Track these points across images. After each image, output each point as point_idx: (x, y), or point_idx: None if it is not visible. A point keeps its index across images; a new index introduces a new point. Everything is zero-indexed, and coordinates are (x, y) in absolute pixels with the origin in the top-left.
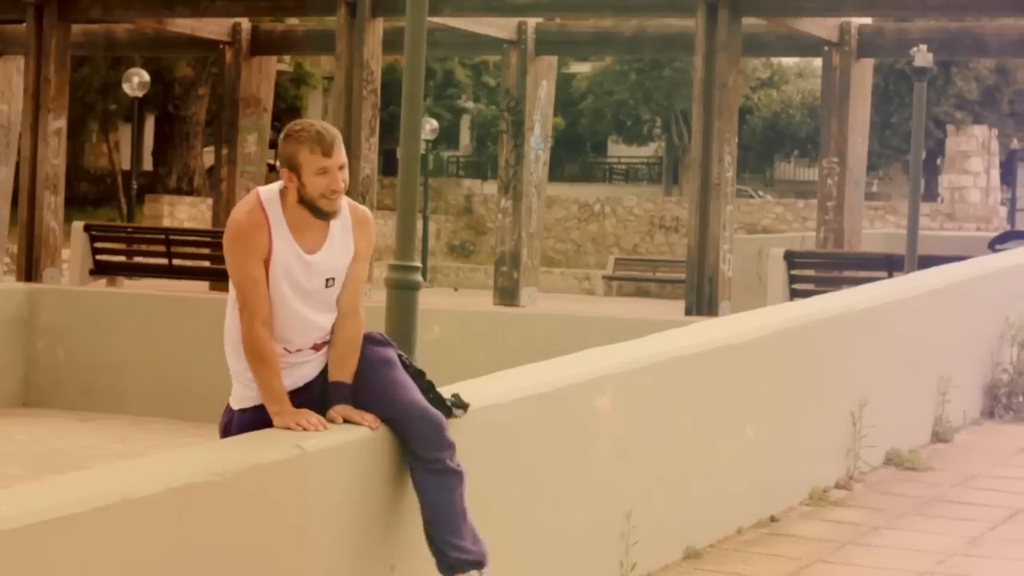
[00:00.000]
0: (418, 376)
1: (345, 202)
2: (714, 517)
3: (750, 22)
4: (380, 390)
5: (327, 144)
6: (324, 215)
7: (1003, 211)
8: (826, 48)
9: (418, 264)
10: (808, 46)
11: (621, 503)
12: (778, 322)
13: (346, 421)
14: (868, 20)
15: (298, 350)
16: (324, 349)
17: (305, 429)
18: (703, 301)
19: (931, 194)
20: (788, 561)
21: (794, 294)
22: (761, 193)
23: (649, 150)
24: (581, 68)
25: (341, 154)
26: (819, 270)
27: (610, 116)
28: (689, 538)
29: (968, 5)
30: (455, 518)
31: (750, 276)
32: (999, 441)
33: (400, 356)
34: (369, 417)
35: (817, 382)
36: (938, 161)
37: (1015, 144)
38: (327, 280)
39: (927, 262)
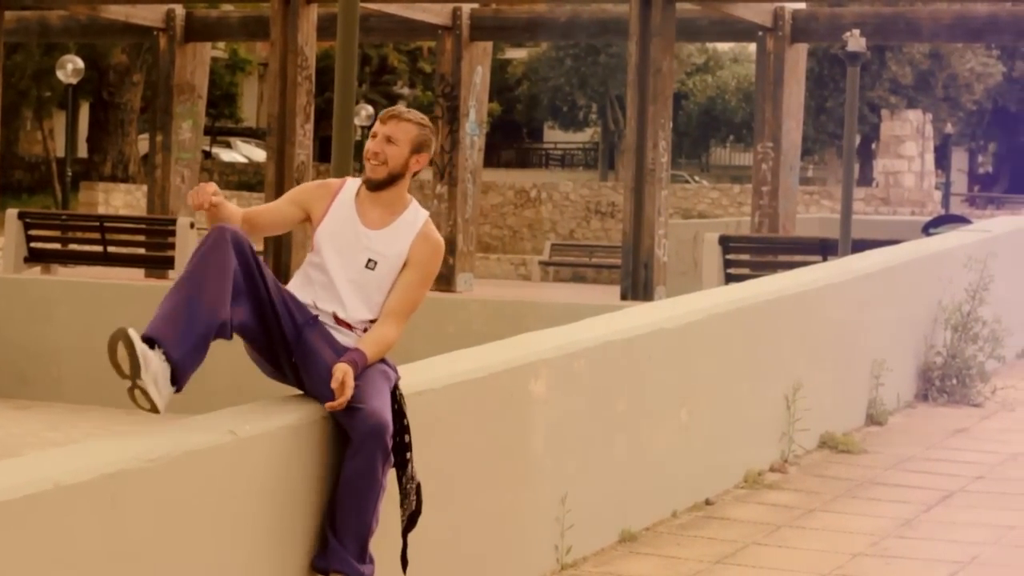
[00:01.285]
0: (398, 417)
1: (422, 214)
2: (649, 501)
3: (684, 7)
4: (363, 382)
5: (384, 113)
6: (367, 180)
7: (938, 195)
8: (760, 33)
9: None
10: (742, 31)
11: (556, 487)
12: (711, 306)
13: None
14: (802, 5)
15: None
16: (350, 334)
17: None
18: (638, 286)
19: (866, 179)
20: (723, 544)
21: (729, 279)
22: (697, 178)
23: (585, 136)
24: (517, 54)
25: (393, 127)
26: (754, 255)
27: (546, 102)
28: (624, 521)
29: None
30: (362, 527)
31: (686, 261)
32: (933, 424)
33: (396, 389)
34: (347, 398)
35: (751, 366)
36: (873, 146)
37: (949, 129)
38: (369, 260)
39: (861, 246)
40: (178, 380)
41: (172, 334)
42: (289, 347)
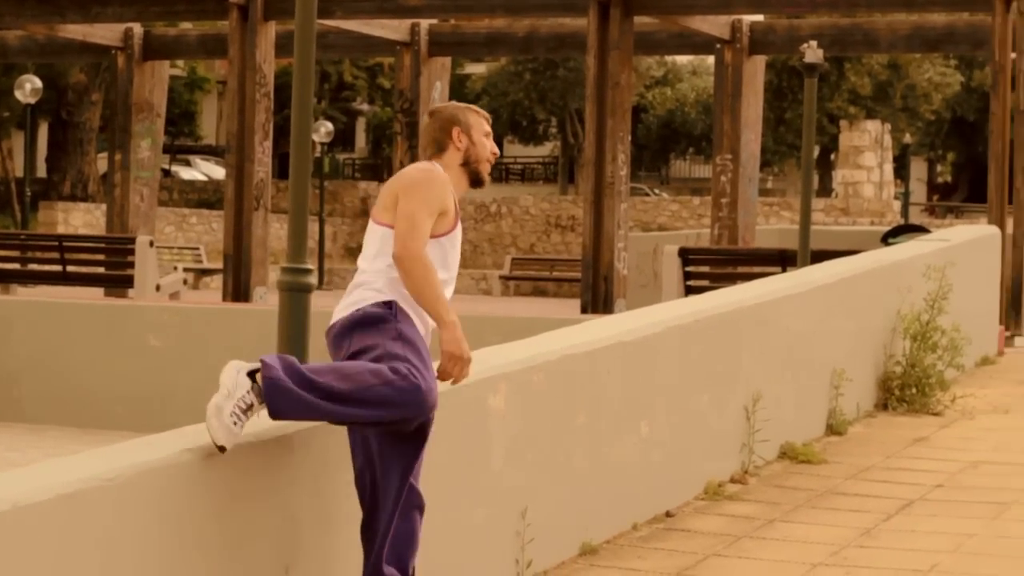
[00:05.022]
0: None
1: None
2: (609, 513)
3: (642, 21)
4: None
5: (488, 115)
6: (482, 181)
7: (897, 205)
8: (718, 46)
9: (310, 267)
10: (700, 44)
11: (516, 501)
12: (670, 319)
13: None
14: (760, 17)
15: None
16: None
17: (456, 378)
18: (598, 299)
19: (826, 189)
20: (683, 556)
21: (689, 291)
22: (657, 191)
23: (545, 150)
24: (476, 69)
25: None
26: (713, 266)
27: (505, 116)
28: (585, 535)
29: (858, 1)
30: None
31: (646, 274)
32: (893, 433)
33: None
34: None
35: (711, 378)
36: (832, 156)
37: (908, 139)
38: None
39: (820, 257)
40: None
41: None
42: None
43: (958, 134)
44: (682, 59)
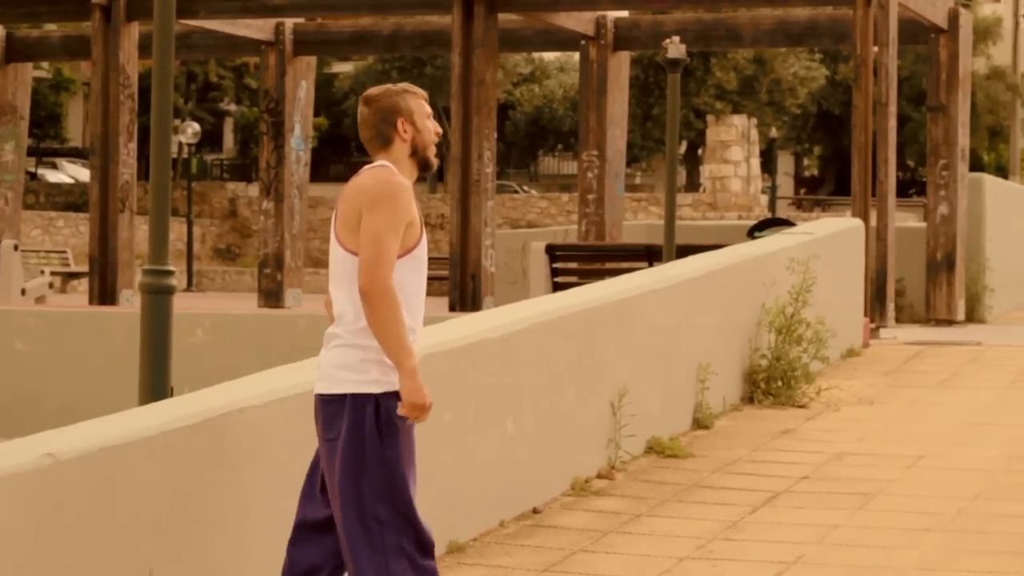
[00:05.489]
0: None
1: None
2: (476, 511)
3: (507, 18)
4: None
5: (425, 93)
6: (430, 166)
7: (764, 199)
8: (583, 42)
9: (171, 268)
10: (565, 40)
11: None
12: (535, 315)
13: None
14: (624, 13)
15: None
16: None
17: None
18: (466, 297)
19: (693, 184)
20: (550, 552)
21: (556, 287)
22: (526, 188)
23: None
24: (343, 68)
25: None
26: (581, 262)
27: None
28: (452, 532)
29: None
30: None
31: (515, 271)
32: (759, 426)
33: None
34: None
35: (576, 373)
36: (699, 151)
37: (774, 133)
38: None
39: (686, 251)
40: None
41: None
42: None
43: (824, 128)
44: (549, 56)
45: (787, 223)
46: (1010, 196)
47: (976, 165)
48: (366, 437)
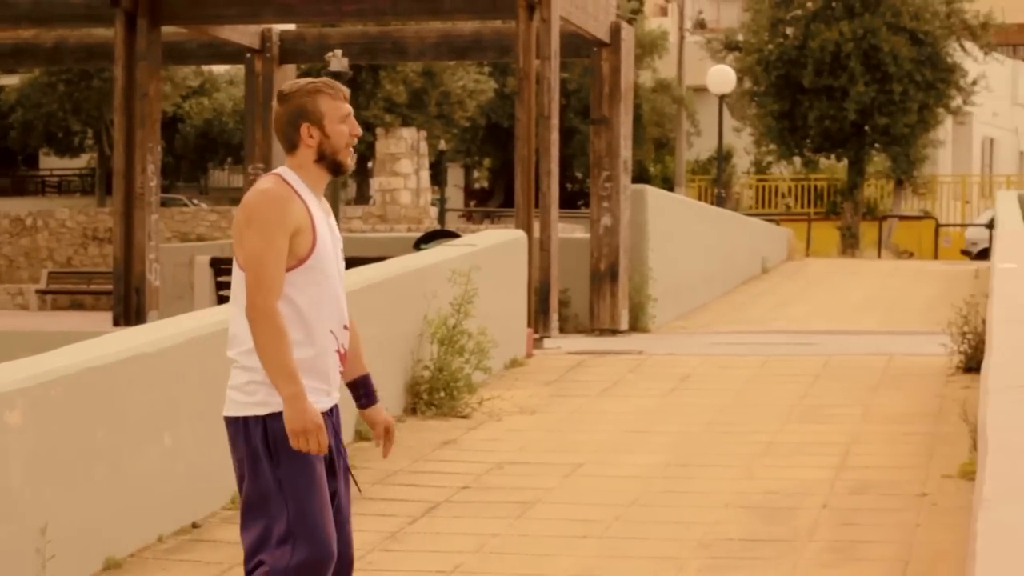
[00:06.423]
0: None
1: None
2: (134, 526)
3: (171, 31)
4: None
5: (344, 90)
6: (343, 169)
7: (434, 211)
8: (248, 55)
9: None
10: (231, 53)
11: (36, 518)
12: (193, 329)
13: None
14: (292, 26)
15: (342, 344)
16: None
17: (316, 452)
18: (131, 311)
19: (363, 196)
20: (209, 567)
21: (222, 300)
22: (196, 201)
23: (82, 162)
24: (9, 80)
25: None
26: None
27: (40, 128)
28: (108, 549)
29: (384, 9)
30: None
31: (182, 285)
32: (421, 437)
33: None
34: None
35: None
36: (369, 164)
37: (443, 145)
38: (341, 247)
39: (351, 264)
40: None
41: None
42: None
43: (493, 140)
44: (219, 69)
45: (453, 235)
46: (673, 207)
47: (643, 177)
48: (261, 459)
